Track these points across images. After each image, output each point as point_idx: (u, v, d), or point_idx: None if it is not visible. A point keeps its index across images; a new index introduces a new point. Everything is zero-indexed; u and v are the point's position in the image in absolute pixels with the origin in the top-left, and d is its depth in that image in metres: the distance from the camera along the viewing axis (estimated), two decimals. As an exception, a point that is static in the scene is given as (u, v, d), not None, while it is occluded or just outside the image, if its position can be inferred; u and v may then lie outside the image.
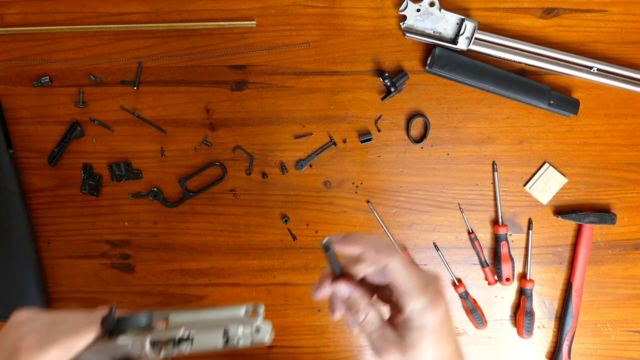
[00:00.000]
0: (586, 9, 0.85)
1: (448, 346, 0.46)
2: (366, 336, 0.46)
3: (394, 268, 0.45)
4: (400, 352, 0.44)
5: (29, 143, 0.85)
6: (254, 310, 0.44)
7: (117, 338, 0.44)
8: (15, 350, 0.42)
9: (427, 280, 0.46)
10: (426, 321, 0.44)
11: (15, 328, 0.44)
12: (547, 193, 0.86)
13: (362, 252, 0.46)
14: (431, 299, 0.45)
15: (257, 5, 0.84)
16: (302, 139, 0.85)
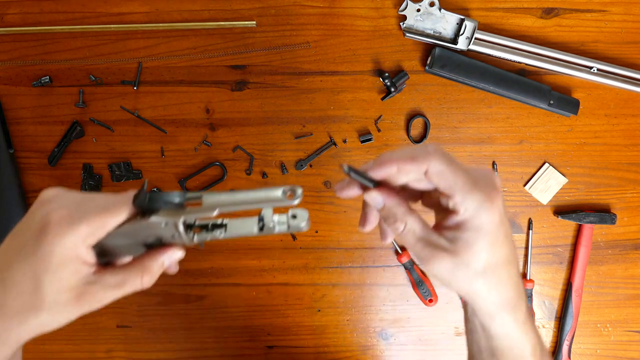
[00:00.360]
0: (586, 9, 0.85)
1: (503, 248, 0.41)
2: (409, 247, 0.42)
3: (436, 170, 0.40)
4: (451, 257, 0.40)
5: (29, 143, 0.85)
6: (291, 193, 0.40)
7: (150, 217, 0.41)
8: (44, 225, 0.39)
9: (478, 176, 0.41)
10: (482, 220, 0.40)
11: (44, 203, 0.42)
12: (547, 193, 0.86)
13: (398, 167, 0.41)
14: (486, 195, 0.40)
15: (257, 5, 0.84)
16: (302, 139, 0.85)
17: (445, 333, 0.88)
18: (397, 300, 0.87)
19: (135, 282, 0.43)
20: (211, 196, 0.41)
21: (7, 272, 0.39)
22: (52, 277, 0.39)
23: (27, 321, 0.40)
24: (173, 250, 0.45)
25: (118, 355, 0.87)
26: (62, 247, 0.39)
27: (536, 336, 0.46)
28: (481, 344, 0.46)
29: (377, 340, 0.88)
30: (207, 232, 0.44)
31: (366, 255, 0.87)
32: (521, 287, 0.44)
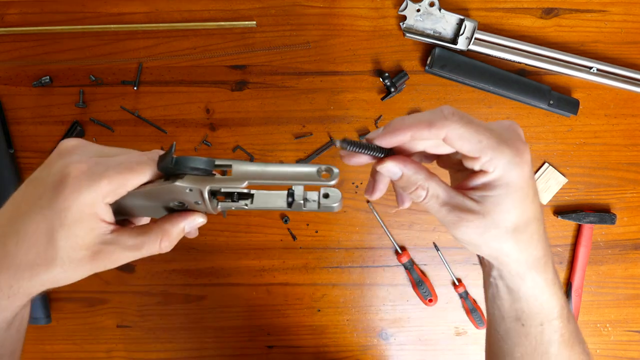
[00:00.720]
0: (586, 9, 0.85)
1: (534, 205, 0.39)
2: (434, 213, 0.40)
3: (457, 134, 0.37)
4: (480, 218, 0.38)
5: (29, 143, 0.85)
6: (326, 172, 0.37)
7: (175, 181, 0.38)
8: (62, 178, 0.37)
9: (502, 131, 0.38)
10: (513, 177, 0.37)
11: (64, 154, 0.39)
12: (547, 193, 0.86)
13: (412, 135, 0.38)
14: (515, 149, 0.37)
15: (257, 5, 0.84)
16: (302, 139, 0.86)
17: (445, 333, 0.88)
18: (397, 300, 0.88)
19: (154, 246, 0.41)
20: (241, 166, 0.39)
21: (21, 222, 0.38)
22: (68, 233, 0.37)
23: (38, 275, 0.38)
24: (195, 217, 0.42)
25: (118, 355, 0.87)
26: (80, 204, 0.37)
27: (564, 297, 0.44)
28: (505, 309, 0.44)
29: (377, 340, 0.88)
30: (232, 201, 0.42)
31: (366, 255, 0.87)
32: (549, 246, 0.43)
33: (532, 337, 0.44)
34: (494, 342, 0.48)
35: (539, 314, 0.43)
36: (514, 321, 0.44)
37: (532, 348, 0.44)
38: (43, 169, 0.40)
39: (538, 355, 0.44)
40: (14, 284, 0.38)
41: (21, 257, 0.38)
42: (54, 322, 0.86)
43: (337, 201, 0.41)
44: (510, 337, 0.45)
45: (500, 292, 0.44)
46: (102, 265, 0.40)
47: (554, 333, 0.44)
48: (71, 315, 0.86)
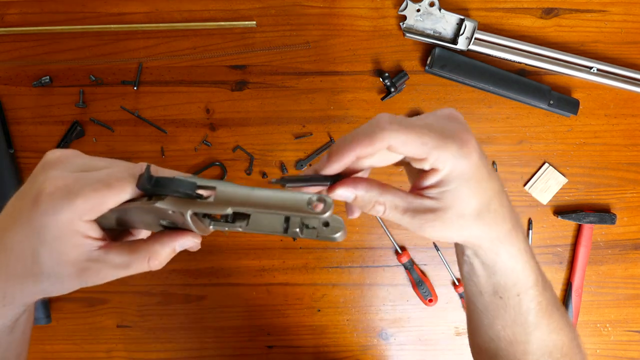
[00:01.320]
0: (586, 9, 0.85)
1: (490, 183, 0.40)
2: (397, 222, 0.40)
3: (399, 142, 0.37)
4: (442, 213, 0.39)
5: (29, 143, 0.85)
6: (318, 202, 0.34)
7: (156, 202, 0.36)
8: (38, 195, 0.36)
9: (443, 125, 0.38)
10: (462, 167, 0.38)
11: (45, 167, 0.39)
12: (547, 193, 0.86)
13: (357, 154, 0.38)
14: (459, 141, 0.38)
15: (257, 5, 0.84)
16: (302, 139, 0.86)
17: (445, 333, 0.88)
18: (397, 300, 0.88)
19: (142, 265, 0.40)
20: (226, 189, 0.36)
21: (7, 237, 0.38)
22: (50, 249, 0.37)
23: (27, 287, 0.38)
24: (187, 237, 0.41)
25: (118, 355, 0.87)
26: (58, 221, 0.36)
27: (537, 265, 0.45)
28: (482, 285, 0.45)
29: (377, 340, 0.88)
30: (226, 222, 0.39)
31: (366, 255, 0.87)
32: (517, 215, 0.43)
33: (511, 308, 0.45)
34: (475, 317, 0.49)
35: (515, 285, 0.44)
36: (491, 295, 0.45)
37: (511, 319, 0.45)
38: (28, 182, 0.39)
39: (518, 325, 0.45)
40: (7, 293, 0.38)
41: (10, 268, 0.38)
42: (54, 322, 0.86)
43: (339, 231, 0.38)
44: (489, 310, 0.46)
45: (476, 269, 0.44)
46: (91, 281, 0.39)
47: (530, 302, 0.44)
48: (71, 315, 0.86)
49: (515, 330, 0.46)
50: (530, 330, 0.46)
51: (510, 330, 0.46)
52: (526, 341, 0.46)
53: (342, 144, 0.38)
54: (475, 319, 0.49)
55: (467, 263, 0.45)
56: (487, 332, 0.48)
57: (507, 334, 0.46)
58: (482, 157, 0.39)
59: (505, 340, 0.47)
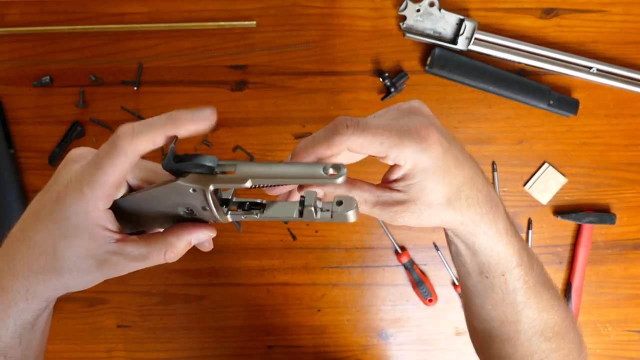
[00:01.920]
0: (586, 9, 0.85)
1: (460, 170, 0.41)
2: (369, 214, 0.41)
3: (357, 144, 0.38)
4: (411, 204, 0.40)
5: (30, 143, 0.85)
6: (333, 170, 0.36)
7: (177, 179, 0.37)
8: (61, 189, 0.37)
9: (402, 124, 0.39)
10: (425, 161, 0.39)
11: (68, 163, 0.40)
12: (547, 193, 0.86)
13: (318, 157, 0.40)
14: (417, 137, 0.38)
15: (257, 5, 0.84)
16: (302, 139, 0.85)
17: (445, 333, 0.88)
18: (397, 300, 0.88)
19: (159, 257, 0.40)
20: (245, 166, 0.38)
21: (30, 230, 0.39)
22: (70, 243, 0.37)
23: (50, 280, 0.39)
24: (202, 230, 0.42)
25: (118, 355, 0.87)
26: (75, 214, 0.37)
27: (521, 244, 0.45)
28: (468, 264, 0.46)
29: (377, 340, 0.88)
30: (243, 210, 0.41)
31: (366, 255, 0.87)
32: (495, 197, 0.43)
33: (498, 287, 0.45)
34: (467, 298, 0.50)
35: (498, 265, 0.44)
36: (478, 275, 0.46)
37: (500, 299, 0.46)
38: (51, 179, 0.40)
39: (507, 304, 0.46)
40: (30, 288, 0.39)
41: (33, 262, 0.38)
42: (54, 322, 0.86)
43: (351, 209, 0.39)
44: (478, 290, 0.47)
45: (459, 248, 0.45)
46: (110, 273, 0.40)
47: (516, 281, 0.45)
48: (71, 315, 0.86)
49: (505, 310, 0.46)
50: (520, 309, 0.46)
51: (501, 309, 0.47)
52: (517, 320, 0.47)
53: (303, 147, 0.40)
54: (468, 300, 0.50)
55: (452, 243, 0.46)
56: (480, 312, 0.49)
57: (498, 314, 0.47)
58: (447, 146, 0.40)
59: (497, 320, 0.47)
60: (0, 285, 0.39)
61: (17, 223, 0.40)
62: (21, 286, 0.39)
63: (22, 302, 0.40)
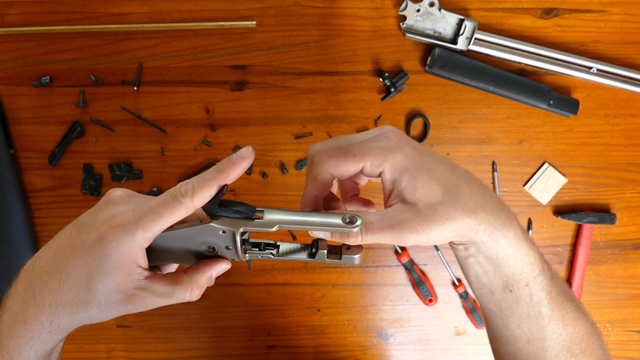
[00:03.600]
0: (586, 9, 0.85)
1: (448, 172, 0.42)
2: (381, 241, 0.43)
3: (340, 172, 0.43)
4: (416, 213, 0.41)
5: (30, 143, 0.85)
6: (350, 220, 0.41)
7: (211, 221, 0.42)
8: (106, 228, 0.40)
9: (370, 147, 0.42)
10: (399, 162, 0.42)
11: (110, 204, 0.43)
12: (547, 193, 0.86)
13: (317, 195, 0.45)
14: (382, 141, 0.42)
15: (257, 5, 0.84)
16: (302, 139, 0.86)
17: (445, 333, 0.88)
18: (397, 300, 0.88)
19: (184, 295, 0.44)
20: (272, 212, 0.42)
21: (64, 263, 0.40)
22: (105, 278, 0.40)
23: (77, 312, 0.41)
24: (221, 264, 0.45)
25: (118, 355, 0.87)
26: (119, 251, 0.40)
27: (540, 253, 0.45)
28: (492, 282, 0.44)
29: (377, 340, 0.88)
30: (259, 250, 0.45)
31: (366, 255, 0.87)
32: (500, 200, 0.44)
33: (523, 301, 0.44)
34: (491, 322, 0.48)
35: (522, 274, 0.43)
36: (502, 291, 0.44)
37: (525, 314, 0.45)
38: (89, 215, 0.42)
39: (532, 319, 0.45)
40: (55, 320, 0.41)
41: (63, 295, 0.40)
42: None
43: (356, 254, 0.44)
44: (502, 309, 0.45)
45: (483, 266, 0.44)
46: (135, 308, 0.42)
47: (540, 292, 0.44)
48: (71, 315, 0.86)
49: (530, 326, 0.45)
50: (545, 324, 0.45)
51: (526, 326, 0.45)
52: (543, 337, 0.45)
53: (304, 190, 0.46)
54: (492, 323, 0.48)
55: (473, 265, 0.45)
56: (503, 334, 0.47)
57: (524, 332, 0.46)
58: (420, 148, 0.43)
59: (522, 339, 0.46)
60: (23, 317, 0.41)
61: (42, 256, 0.42)
62: (46, 319, 0.41)
63: (45, 334, 0.41)
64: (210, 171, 0.41)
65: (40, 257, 0.42)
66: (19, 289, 0.41)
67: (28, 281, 0.41)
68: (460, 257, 0.45)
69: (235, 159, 0.42)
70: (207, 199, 0.41)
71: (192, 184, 0.40)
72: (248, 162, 0.42)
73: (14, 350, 0.41)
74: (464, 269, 0.46)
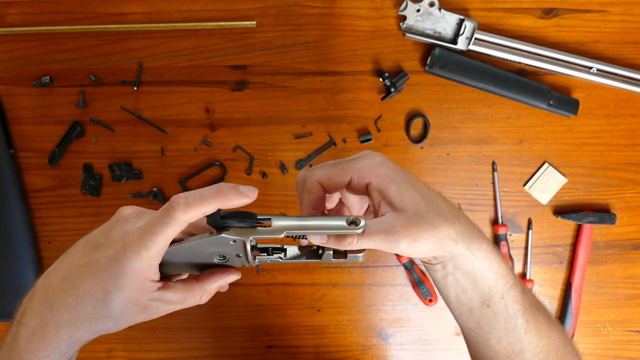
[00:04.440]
0: (586, 9, 0.85)
1: (423, 185, 0.46)
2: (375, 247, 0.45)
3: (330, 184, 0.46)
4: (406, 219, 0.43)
5: (30, 143, 0.85)
6: (353, 222, 0.43)
7: (222, 232, 0.43)
8: (121, 247, 0.41)
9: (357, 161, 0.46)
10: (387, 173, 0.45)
11: (121, 222, 0.44)
12: (547, 193, 0.86)
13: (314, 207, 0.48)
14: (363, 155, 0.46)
15: (257, 5, 0.84)
16: (302, 139, 0.86)
17: (445, 333, 0.88)
18: (397, 300, 0.88)
19: (194, 301, 0.46)
20: (278, 219, 0.44)
21: (80, 280, 0.42)
22: (122, 294, 0.42)
23: (95, 326, 0.43)
24: (231, 274, 0.47)
25: (118, 355, 0.87)
26: (133, 269, 0.41)
27: (510, 268, 0.47)
28: (470, 299, 0.46)
29: (377, 340, 0.88)
30: (267, 255, 0.47)
31: (367, 256, 0.87)
32: (471, 219, 0.47)
33: (500, 314, 0.46)
34: (471, 339, 0.50)
35: (497, 287, 0.45)
36: (480, 307, 0.46)
37: (503, 327, 0.47)
38: (101, 234, 0.44)
39: (510, 332, 0.47)
40: (74, 334, 0.43)
41: (80, 311, 0.42)
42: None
43: (361, 252, 0.46)
44: (482, 326, 0.47)
45: (461, 284, 0.46)
46: (149, 316, 0.45)
47: (515, 303, 0.46)
48: (71, 315, 0.86)
49: (509, 339, 0.47)
50: (522, 336, 0.47)
51: (505, 341, 0.47)
52: (521, 350, 0.47)
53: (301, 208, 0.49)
54: (473, 343, 0.50)
55: (452, 284, 0.46)
56: (485, 352, 0.49)
57: (503, 347, 0.47)
58: (398, 166, 0.47)
59: (502, 355, 0.48)
60: (43, 333, 0.42)
61: (56, 273, 0.43)
62: (65, 333, 0.42)
63: (64, 347, 0.43)
64: (211, 189, 0.42)
65: (54, 274, 0.43)
66: (35, 304, 0.43)
67: (45, 298, 0.42)
68: (439, 278, 0.47)
69: (242, 190, 0.43)
70: (199, 216, 0.42)
71: (186, 197, 0.41)
72: (250, 200, 0.43)
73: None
74: (443, 291, 0.48)
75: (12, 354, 0.43)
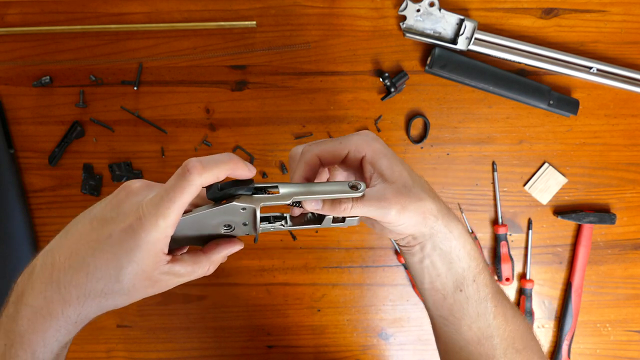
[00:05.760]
0: (586, 9, 0.85)
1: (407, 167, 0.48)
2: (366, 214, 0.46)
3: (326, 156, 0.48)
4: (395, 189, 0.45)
5: (30, 143, 0.85)
6: (353, 185, 0.45)
7: (232, 201, 0.43)
8: (133, 220, 0.40)
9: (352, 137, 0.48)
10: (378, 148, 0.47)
11: (131, 194, 0.43)
12: (547, 193, 0.86)
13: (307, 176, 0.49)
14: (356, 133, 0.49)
15: (257, 5, 0.84)
16: (302, 139, 0.86)
17: (445, 333, 0.88)
18: (397, 300, 0.88)
19: (202, 272, 0.46)
20: (285, 186, 0.45)
21: (91, 257, 0.41)
22: (134, 268, 0.40)
23: (105, 302, 0.42)
24: (236, 244, 0.47)
25: (118, 355, 0.87)
26: (148, 242, 0.40)
27: (481, 252, 0.51)
28: (444, 283, 0.48)
29: (377, 340, 0.88)
30: (269, 223, 0.47)
31: (366, 255, 0.87)
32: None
33: (472, 299, 0.48)
34: (442, 330, 0.51)
35: (470, 268, 0.48)
36: (453, 293, 0.48)
37: (475, 312, 0.48)
38: (109, 208, 0.42)
39: (481, 317, 0.48)
40: (82, 312, 0.42)
41: (91, 287, 0.41)
42: (54, 322, 0.86)
43: (357, 216, 0.48)
44: (454, 313, 0.49)
45: (437, 267, 0.48)
46: (159, 290, 0.44)
47: (485, 287, 0.48)
48: (71, 315, 0.86)
49: (479, 324, 0.48)
50: (491, 321, 0.48)
51: (476, 326, 0.48)
52: (490, 335, 0.48)
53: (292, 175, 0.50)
54: (443, 332, 0.51)
55: (428, 267, 0.48)
56: (455, 340, 0.50)
57: (474, 333, 0.48)
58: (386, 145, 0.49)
59: (473, 342, 0.49)
60: (48, 312, 0.41)
61: (60, 251, 0.42)
62: (73, 311, 0.41)
63: (71, 325, 0.42)
64: (222, 155, 0.42)
65: (57, 252, 0.42)
66: (37, 284, 0.41)
67: (48, 276, 0.41)
68: (415, 262, 0.49)
69: (246, 164, 0.44)
70: (212, 180, 0.41)
71: (200, 161, 0.40)
72: (252, 174, 0.44)
73: (37, 344, 0.41)
74: (418, 278, 0.50)
75: (11, 334, 0.41)
